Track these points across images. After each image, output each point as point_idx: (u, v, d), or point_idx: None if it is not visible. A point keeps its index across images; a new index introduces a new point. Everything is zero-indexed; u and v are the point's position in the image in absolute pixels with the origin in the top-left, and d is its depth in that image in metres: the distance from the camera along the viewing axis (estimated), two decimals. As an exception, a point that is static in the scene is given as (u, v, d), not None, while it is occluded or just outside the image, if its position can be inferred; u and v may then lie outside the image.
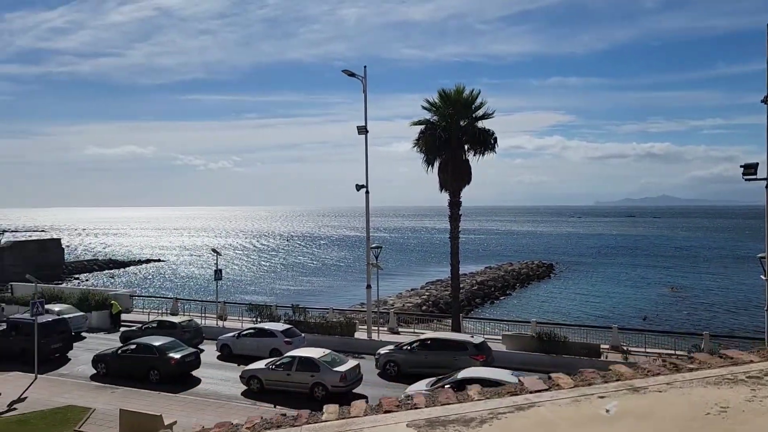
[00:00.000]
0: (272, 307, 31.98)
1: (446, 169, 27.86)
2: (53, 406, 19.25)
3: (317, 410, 14.06)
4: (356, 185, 28.56)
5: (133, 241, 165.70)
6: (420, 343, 24.03)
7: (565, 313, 54.11)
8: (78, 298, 33.91)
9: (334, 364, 21.29)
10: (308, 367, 21.18)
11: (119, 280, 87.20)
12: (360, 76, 27.94)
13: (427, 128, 28.17)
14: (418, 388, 19.50)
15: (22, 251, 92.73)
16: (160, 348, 23.46)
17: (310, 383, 20.97)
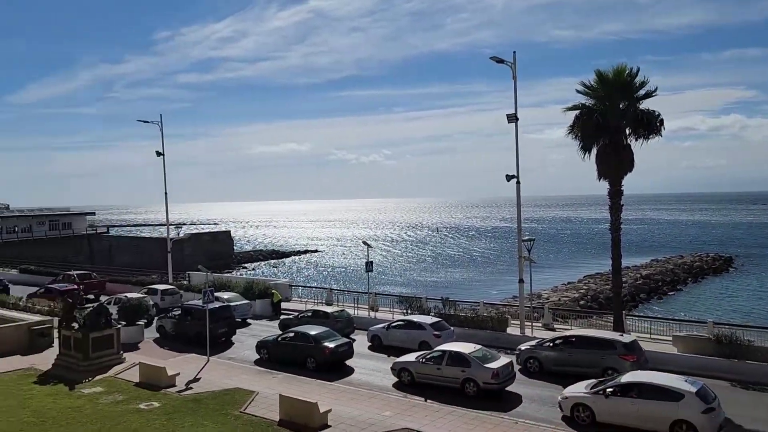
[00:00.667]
0: (422, 300, 31.99)
1: (605, 156, 25.90)
2: (222, 387, 20.64)
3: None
4: (506, 176, 27.55)
5: (293, 233, 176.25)
6: (563, 340, 22.76)
7: (746, 312, 48.52)
8: (243, 287, 36.40)
9: (486, 360, 20.72)
10: (459, 362, 20.79)
11: (280, 270, 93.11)
12: (509, 62, 26.84)
13: (582, 113, 26.36)
14: (577, 390, 18.34)
15: (199, 242, 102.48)
16: (315, 337, 24.30)
17: (461, 378, 20.57)
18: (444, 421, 17.41)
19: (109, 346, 23.69)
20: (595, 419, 17.35)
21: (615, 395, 17.18)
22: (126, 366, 23.17)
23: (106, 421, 17.23)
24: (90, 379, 21.50)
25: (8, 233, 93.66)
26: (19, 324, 26.95)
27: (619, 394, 17.14)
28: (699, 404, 15.98)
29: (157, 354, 25.98)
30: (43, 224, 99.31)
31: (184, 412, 18.21)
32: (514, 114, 27.13)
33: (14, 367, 23.21)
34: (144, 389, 20.40)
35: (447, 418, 17.71)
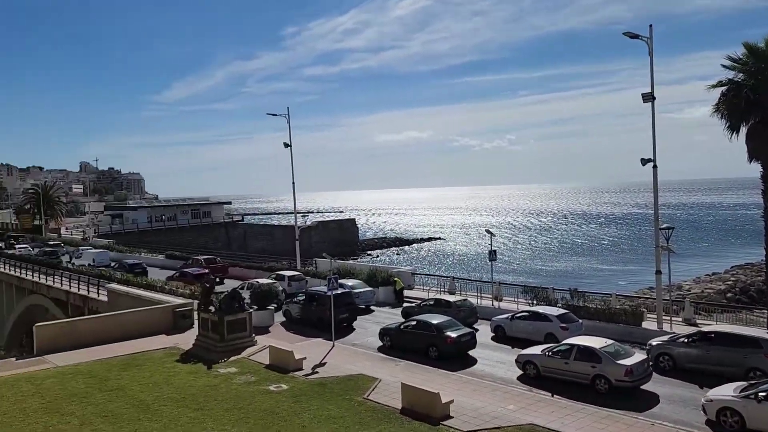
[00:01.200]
0: (548, 290, 30.77)
1: (756, 135, 23.28)
2: (347, 373, 21.08)
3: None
4: (641, 159, 25.60)
5: (416, 221, 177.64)
6: (700, 336, 20.91)
7: None
8: (367, 274, 37.05)
9: (618, 356, 19.48)
10: (588, 357, 19.72)
11: (403, 257, 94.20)
12: (644, 37, 24.84)
13: (730, 89, 23.86)
14: (724, 393, 16.70)
15: (326, 230, 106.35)
16: (438, 326, 24.13)
17: (591, 375, 19.50)
18: (572, 419, 16.56)
19: (242, 329, 25.06)
20: (744, 425, 15.77)
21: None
22: (257, 348, 24.39)
23: (239, 401, 18.20)
24: (225, 360, 22.87)
25: (156, 221, 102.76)
26: (165, 306, 29.31)
27: None
28: None
29: (285, 338, 27.13)
30: (186, 213, 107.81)
31: (311, 395, 18.80)
32: (650, 93, 25.13)
33: (161, 345, 25.28)
34: (273, 371, 21.34)
35: (575, 415, 16.84)
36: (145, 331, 26.98)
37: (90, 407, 17.48)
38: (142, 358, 23.20)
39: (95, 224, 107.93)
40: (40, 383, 19.79)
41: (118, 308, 31.22)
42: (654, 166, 25.65)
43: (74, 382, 19.95)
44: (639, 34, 24.77)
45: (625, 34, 24.77)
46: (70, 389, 19.15)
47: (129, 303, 31.41)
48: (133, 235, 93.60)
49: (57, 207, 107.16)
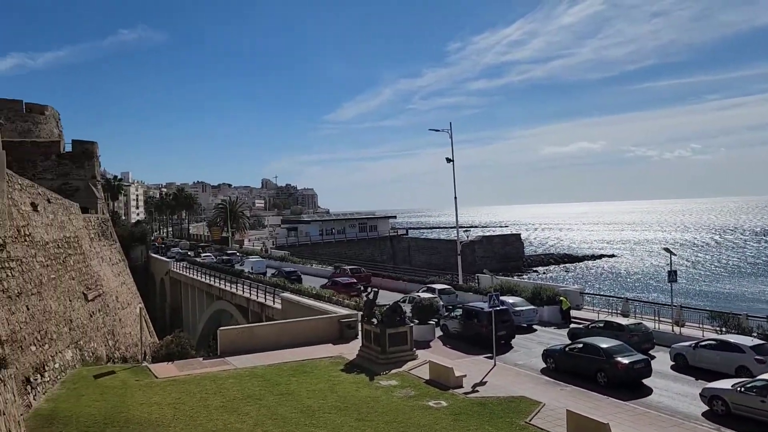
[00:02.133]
0: (740, 317, 27.35)
1: None
2: (508, 394, 20.38)
3: None
4: None
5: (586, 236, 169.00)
6: None
7: None
8: (531, 291, 35.75)
9: None
10: None
11: (572, 275, 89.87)
12: None
13: None
14: None
15: (489, 245, 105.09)
16: (607, 351, 22.51)
17: None
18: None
19: (403, 343, 25.38)
20: None
21: None
22: (418, 363, 24.50)
23: (398, 414, 18.35)
24: (386, 372, 23.26)
25: (327, 234, 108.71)
26: (332, 316, 30.68)
27: None
28: None
29: (445, 353, 26.98)
30: (354, 227, 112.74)
31: (470, 414, 18.41)
32: None
33: (327, 354, 26.42)
34: (433, 387, 21.25)
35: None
36: (314, 340, 28.43)
37: (263, 409, 18.69)
38: (310, 365, 24.39)
39: (273, 236, 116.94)
40: (221, 383, 21.62)
41: (290, 316, 33.29)
42: None
43: (250, 384, 21.51)
44: None
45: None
46: (247, 390, 20.66)
47: (300, 312, 33.37)
48: (306, 247, 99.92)
49: (241, 220, 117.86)
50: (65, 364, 22.97)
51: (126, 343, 36.86)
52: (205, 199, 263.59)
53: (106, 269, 40.89)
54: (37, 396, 18.92)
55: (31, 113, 59.33)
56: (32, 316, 20.99)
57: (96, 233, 42.04)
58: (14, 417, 13.89)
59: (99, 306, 33.10)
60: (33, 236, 23.85)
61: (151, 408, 18.46)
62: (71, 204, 35.39)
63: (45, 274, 24.15)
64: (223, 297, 51.39)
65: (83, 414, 17.58)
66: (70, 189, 47.96)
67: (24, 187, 24.42)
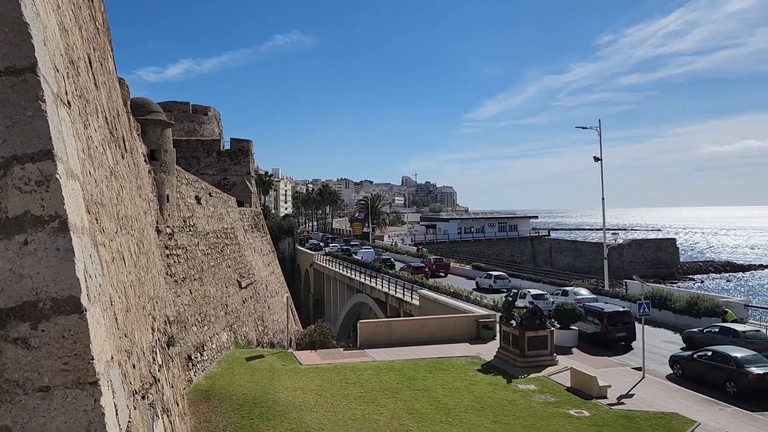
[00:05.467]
0: None
1: None
2: (658, 409, 19.00)
3: None
4: None
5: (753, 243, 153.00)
6: None
7: None
8: (686, 301, 33.02)
9: None
10: None
11: (734, 285, 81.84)
12: None
13: None
14: None
15: (640, 249, 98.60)
16: (738, 360, 21.50)
17: None
18: None
19: (543, 347, 24.57)
20: None
21: None
22: (558, 369, 23.60)
23: (536, 420, 17.77)
24: (525, 376, 22.64)
25: (465, 233, 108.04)
26: (469, 315, 30.46)
27: None
28: None
29: (588, 361, 25.72)
30: (493, 226, 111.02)
31: (614, 427, 17.39)
32: None
33: (463, 353, 26.26)
34: (574, 395, 20.36)
35: None
36: (450, 338, 28.40)
37: (399, 402, 18.99)
38: (447, 363, 24.39)
39: (412, 233, 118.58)
40: (360, 374, 22.29)
41: (427, 313, 33.55)
42: None
43: (387, 377, 21.96)
44: None
45: None
46: (384, 383, 21.12)
47: (437, 309, 33.52)
48: (444, 244, 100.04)
49: (381, 216, 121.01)
50: (221, 345, 24.97)
51: (273, 330, 39.27)
52: (348, 195, 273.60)
53: (258, 259, 43.82)
54: (197, 373, 20.75)
55: (197, 114, 65.08)
56: (194, 299, 23.04)
57: (249, 225, 45.21)
58: (180, 391, 15.34)
59: (251, 293, 35.57)
60: (196, 226, 26.16)
61: (296, 392, 19.49)
62: (229, 198, 38.36)
63: (205, 261, 26.40)
64: (363, 290, 53.01)
65: (236, 392, 18.99)
66: (227, 183, 51.98)
67: (190, 181, 26.85)
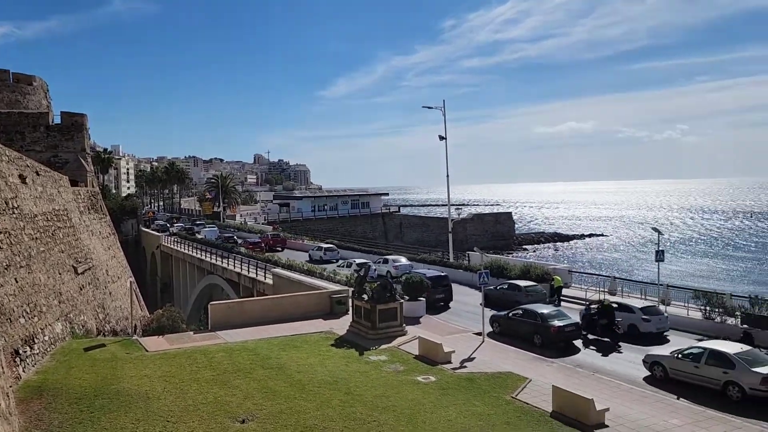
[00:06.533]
0: (724, 296, 27.72)
1: None
2: (496, 370, 20.67)
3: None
4: None
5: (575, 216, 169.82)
6: None
7: None
8: (520, 269, 36.02)
9: (755, 364, 18.34)
10: (720, 363, 18.89)
11: (561, 253, 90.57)
12: None
13: None
14: None
15: (481, 223, 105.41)
16: (543, 315, 25.31)
17: (722, 381, 18.66)
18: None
19: (393, 318, 25.59)
20: None
21: None
22: (407, 338, 24.75)
23: (387, 388, 18.57)
24: (376, 348, 23.48)
25: (319, 210, 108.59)
26: (322, 292, 30.83)
27: None
28: None
29: (436, 329, 27.25)
30: (346, 203, 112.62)
31: (458, 389, 18.67)
32: None
33: (317, 329, 26.57)
34: (422, 362, 21.50)
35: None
36: (304, 315, 28.57)
37: (253, 383, 18.84)
38: (300, 340, 24.56)
39: (265, 212, 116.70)
40: (212, 356, 21.73)
41: (281, 291, 33.45)
42: None
43: (240, 358, 21.65)
44: None
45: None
46: (237, 364, 20.81)
47: (291, 287, 33.50)
48: (298, 222, 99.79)
49: (233, 195, 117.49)
50: (55, 336, 23.00)
51: (116, 317, 36.90)
52: (197, 174, 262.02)
53: (96, 243, 40.75)
54: (27, 368, 18.98)
55: (19, 83, 58.50)
56: (21, 288, 20.95)
57: (86, 206, 41.80)
58: (2, 388, 13.96)
59: (89, 279, 33.06)
60: (21, 209, 23.68)
61: (142, 381, 18.57)
62: (60, 177, 35.10)
63: (34, 246, 24.04)
64: (214, 272, 51.46)
65: (73, 386, 17.66)
66: (59, 161, 47.52)
67: (12, 159, 24.17)
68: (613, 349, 24.38)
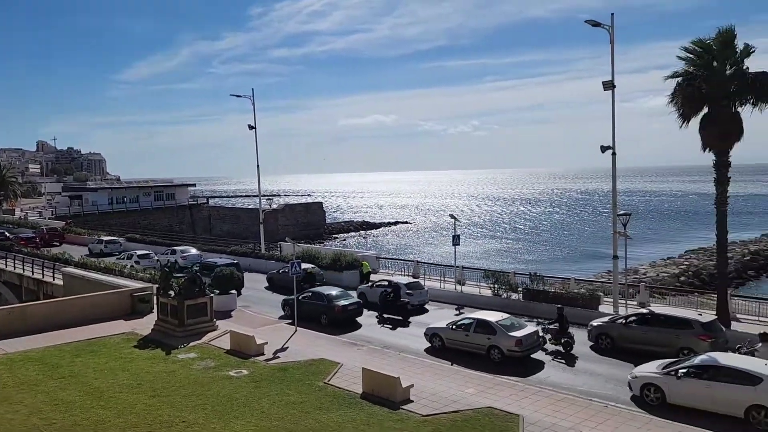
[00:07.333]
0: (509, 275, 31.13)
1: (709, 125, 23.69)
2: (309, 357, 20.98)
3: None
4: (601, 147, 26.00)
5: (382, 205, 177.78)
6: (638, 317, 22.14)
7: None
8: (331, 258, 36.89)
9: (512, 329, 21.45)
10: (485, 330, 21.73)
11: (370, 241, 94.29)
12: (606, 26, 25.09)
13: (684, 81, 24.17)
14: (648, 370, 17.69)
15: (292, 213, 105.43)
16: (329, 296, 27.15)
17: (487, 345, 21.50)
18: (529, 401, 16.87)
19: (203, 314, 24.72)
20: (665, 400, 16.76)
21: (688, 377, 16.51)
22: (218, 333, 24.10)
23: (197, 387, 17.96)
24: (185, 345, 22.54)
25: (118, 203, 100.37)
26: (122, 290, 28.70)
27: (693, 376, 16.46)
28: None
29: (249, 322, 26.89)
30: (149, 195, 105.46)
31: (271, 380, 18.68)
32: (610, 81, 25.48)
33: (118, 330, 24.73)
34: (234, 357, 21.13)
35: (532, 398, 17.15)
36: (102, 316, 26.38)
37: (40, 395, 17.02)
38: (98, 343, 22.68)
39: (52, 205, 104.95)
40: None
41: (75, 293, 30.44)
42: (613, 154, 26.06)
43: (24, 369, 19.41)
44: (600, 23, 24.99)
45: (587, 22, 24.93)
46: (20, 377, 18.63)
47: (86, 287, 30.66)
48: (93, 217, 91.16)
49: (12, 187, 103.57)
50: None
51: None
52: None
53: None
54: None
55: None
56: None
57: None
58: None
59: None
60: None
61: None
62: None
63: None
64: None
65: None
66: None
67: None
68: (401, 325, 27.05)
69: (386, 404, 16.61)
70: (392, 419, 15.68)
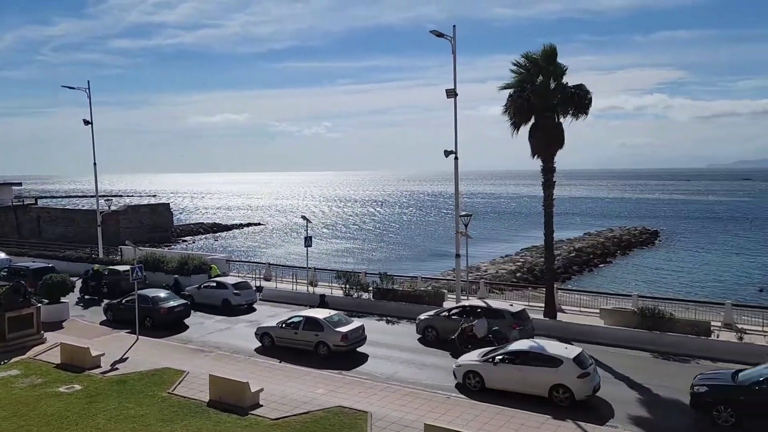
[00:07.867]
0: (360, 275, 31.81)
1: (536, 134, 25.99)
2: (152, 367, 19.97)
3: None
4: (444, 151, 27.47)
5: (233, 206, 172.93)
6: (460, 310, 24.03)
7: (670, 285, 50.69)
8: (178, 261, 35.28)
9: (338, 325, 22.31)
10: (313, 327, 22.41)
11: (220, 243, 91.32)
12: (449, 36, 26.53)
13: (515, 92, 26.30)
14: (469, 358, 19.26)
15: (136, 215, 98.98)
16: (154, 299, 26.46)
17: (315, 342, 22.07)
18: (378, 397, 17.40)
19: (28, 326, 22.57)
20: (484, 385, 18.27)
21: (503, 362, 18.13)
22: (47, 347, 22.15)
23: (20, 407, 16.35)
24: (6, 362, 20.41)
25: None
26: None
27: (507, 362, 18.10)
28: (575, 369, 17.02)
29: (84, 333, 24.91)
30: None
31: (108, 394, 17.53)
32: (453, 89, 26.94)
33: None
34: (65, 371, 19.55)
35: (380, 394, 17.70)
36: None
37: None
38: None
39: None
40: None
41: None
42: (455, 158, 27.61)
43: None
44: (444, 34, 26.36)
45: (432, 32, 26.17)
46: None
47: None
48: None
49: None
50: None
51: None
52: None
53: None
54: None
55: None
56: None
57: None
58: None
59: None
60: None
61: None
62: None
63: None
64: None
65: None
66: None
67: None
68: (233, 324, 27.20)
69: (235, 410, 16.28)
70: (240, 425, 15.40)
